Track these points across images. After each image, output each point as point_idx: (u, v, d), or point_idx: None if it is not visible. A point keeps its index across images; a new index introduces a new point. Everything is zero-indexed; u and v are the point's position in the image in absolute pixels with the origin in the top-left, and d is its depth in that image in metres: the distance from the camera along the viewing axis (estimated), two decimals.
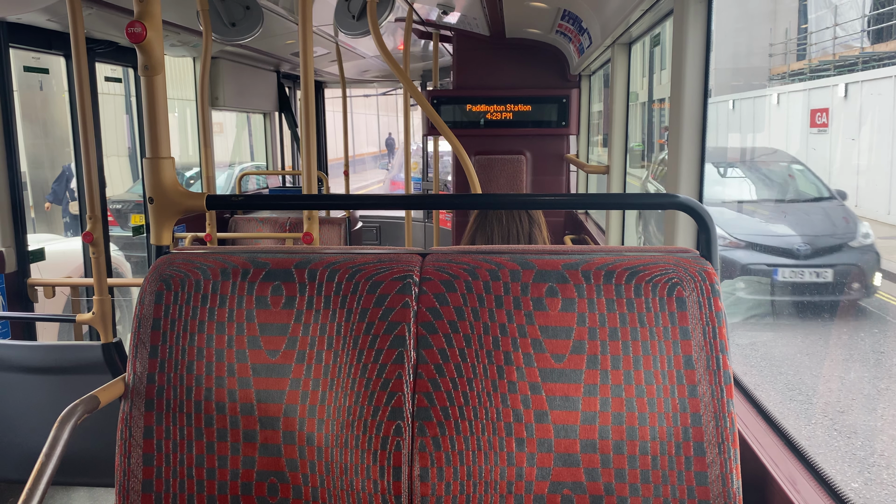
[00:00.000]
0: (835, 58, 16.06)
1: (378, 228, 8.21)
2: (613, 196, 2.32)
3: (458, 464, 1.41)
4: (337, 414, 1.46)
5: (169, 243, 1.69)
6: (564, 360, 1.42)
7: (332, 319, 1.50)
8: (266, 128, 8.03)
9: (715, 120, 19.47)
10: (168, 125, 1.70)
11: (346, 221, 5.90)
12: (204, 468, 1.50)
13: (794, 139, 14.15)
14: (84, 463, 2.99)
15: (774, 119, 15.58)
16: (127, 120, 9.69)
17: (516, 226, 2.14)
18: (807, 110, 13.42)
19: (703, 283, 1.42)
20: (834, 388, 6.16)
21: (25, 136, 8.58)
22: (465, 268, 1.50)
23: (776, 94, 15.71)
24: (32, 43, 3.97)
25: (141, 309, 1.55)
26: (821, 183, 9.25)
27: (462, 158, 3.43)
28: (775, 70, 20.09)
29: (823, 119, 12.77)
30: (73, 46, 2.93)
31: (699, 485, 1.36)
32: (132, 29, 1.58)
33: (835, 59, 16.03)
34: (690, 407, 1.38)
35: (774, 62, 20.35)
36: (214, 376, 1.51)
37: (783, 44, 19.95)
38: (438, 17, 5.23)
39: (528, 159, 5.86)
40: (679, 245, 2.36)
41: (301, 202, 1.76)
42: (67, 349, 2.99)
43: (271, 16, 4.57)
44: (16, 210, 3.80)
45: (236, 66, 6.38)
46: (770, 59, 20.46)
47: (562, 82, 5.84)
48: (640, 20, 3.20)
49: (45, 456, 1.31)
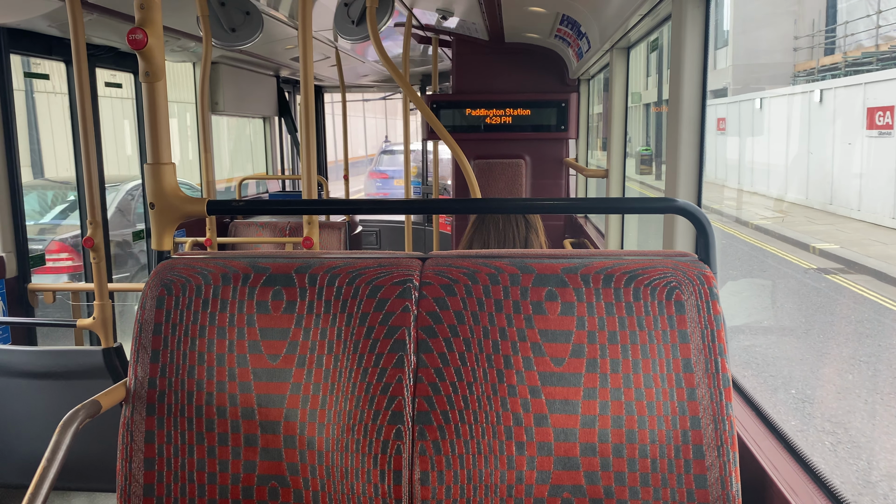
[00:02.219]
0: (878, 49, 14.02)
1: (378, 233, 8.22)
2: (612, 200, 2.33)
3: (459, 467, 1.42)
4: (337, 418, 1.46)
5: (170, 248, 1.69)
6: (564, 363, 1.42)
7: (333, 324, 1.51)
8: (266, 132, 8.05)
9: (737, 122, 17.56)
10: (169, 131, 1.71)
11: (346, 226, 5.91)
12: (205, 472, 1.50)
13: (843, 143, 12.17)
14: (85, 468, 2.99)
15: (816, 119, 13.35)
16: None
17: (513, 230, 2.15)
18: (862, 109, 11.30)
19: (702, 287, 1.43)
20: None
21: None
22: (464, 272, 1.51)
23: (818, 91, 13.28)
24: (33, 49, 3.98)
25: (142, 314, 1.56)
26: None
27: (461, 163, 3.44)
28: (800, 66, 18.47)
29: (888, 119, 10.65)
30: (74, 52, 2.94)
31: (698, 488, 1.37)
32: (133, 35, 1.59)
33: (878, 51, 13.95)
34: (689, 410, 1.38)
35: (799, 57, 18.75)
36: (215, 381, 1.51)
37: (809, 37, 18.35)
38: (438, 22, 5.25)
39: (527, 163, 5.88)
40: (678, 249, 2.36)
41: (301, 207, 1.77)
42: (68, 354, 3.00)
43: (271, 21, 4.59)
44: (16, 215, 3.80)
45: (236, 71, 6.40)
46: (794, 53, 18.89)
47: (561, 86, 5.86)
48: (638, 25, 3.21)
49: (46, 461, 1.32)
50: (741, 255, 11.30)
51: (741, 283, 9.68)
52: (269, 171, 8.11)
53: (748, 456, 1.57)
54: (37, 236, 6.48)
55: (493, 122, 5.77)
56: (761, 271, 10.37)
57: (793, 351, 6.82)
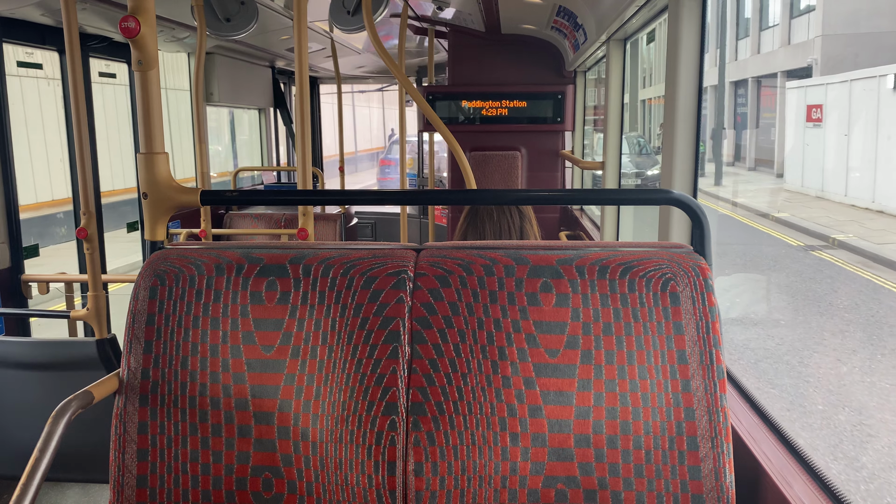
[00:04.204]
0: None
1: (373, 224, 8.21)
2: (607, 192, 2.33)
3: (453, 458, 1.42)
4: (331, 409, 1.46)
5: (163, 239, 1.68)
6: (558, 355, 1.42)
7: (327, 315, 1.50)
8: (261, 124, 8.01)
9: (846, 109, 12.81)
10: (162, 120, 1.70)
11: (341, 217, 5.90)
12: (199, 463, 1.50)
13: None
14: (78, 459, 2.98)
15: None
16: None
17: (507, 221, 2.14)
18: None
19: (697, 279, 1.43)
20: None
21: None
22: (459, 263, 1.51)
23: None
24: (26, 38, 3.95)
25: (135, 304, 1.55)
26: None
27: (457, 154, 3.43)
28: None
29: None
30: (67, 42, 2.92)
31: (692, 479, 1.37)
32: (126, 24, 1.58)
33: None
34: (684, 402, 1.38)
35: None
36: (209, 371, 1.51)
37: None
38: (434, 12, 5.22)
39: (523, 155, 5.87)
40: (673, 240, 2.36)
41: (296, 198, 1.76)
42: (62, 345, 2.99)
43: (266, 11, 4.56)
44: (9, 206, 3.79)
45: (231, 61, 6.36)
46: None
47: (557, 78, 5.84)
48: (635, 16, 3.20)
49: (38, 452, 1.31)
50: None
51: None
52: (265, 163, 8.08)
53: (742, 447, 1.57)
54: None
55: (489, 114, 5.76)
56: None
57: None
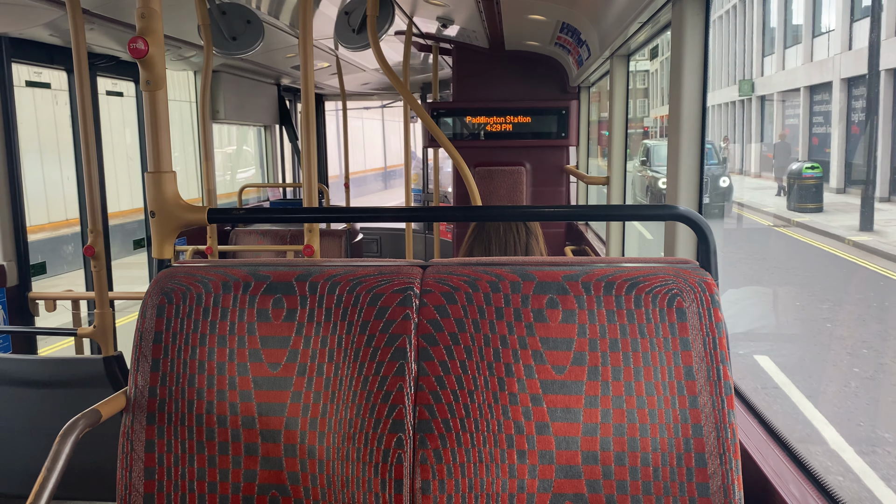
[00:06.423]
0: None
1: (379, 240, 8.22)
2: (613, 207, 2.33)
3: (460, 476, 1.41)
4: (338, 427, 1.46)
5: (170, 257, 1.69)
6: (565, 371, 1.42)
7: (333, 332, 1.50)
8: (266, 141, 8.06)
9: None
10: (170, 139, 1.72)
11: (346, 233, 5.91)
12: (205, 482, 1.49)
13: None
14: (85, 477, 2.98)
15: None
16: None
17: (513, 237, 2.14)
18: None
19: (703, 294, 1.42)
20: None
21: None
22: (465, 279, 1.51)
23: None
24: (34, 58, 4.00)
25: (142, 322, 1.56)
26: None
27: (462, 170, 3.44)
28: None
29: None
30: (75, 61, 2.95)
31: (701, 496, 1.36)
32: (134, 45, 1.60)
33: None
34: (691, 418, 1.38)
35: None
36: (216, 389, 1.51)
37: None
38: (438, 30, 5.26)
39: (527, 170, 5.88)
40: (679, 256, 2.36)
41: (302, 215, 1.77)
42: (69, 363, 2.99)
43: (272, 30, 4.60)
44: (17, 223, 3.81)
45: (237, 79, 6.41)
46: None
47: (561, 94, 5.87)
48: (638, 32, 3.22)
49: (46, 471, 1.31)
50: None
51: None
52: (270, 180, 8.12)
53: (751, 464, 1.56)
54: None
55: (493, 130, 5.78)
56: None
57: None
